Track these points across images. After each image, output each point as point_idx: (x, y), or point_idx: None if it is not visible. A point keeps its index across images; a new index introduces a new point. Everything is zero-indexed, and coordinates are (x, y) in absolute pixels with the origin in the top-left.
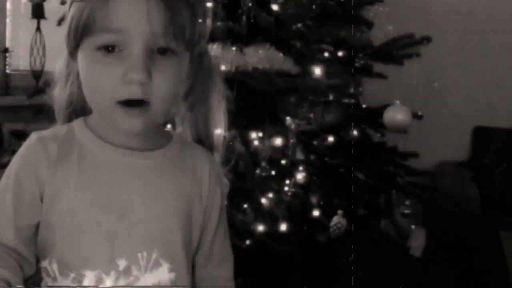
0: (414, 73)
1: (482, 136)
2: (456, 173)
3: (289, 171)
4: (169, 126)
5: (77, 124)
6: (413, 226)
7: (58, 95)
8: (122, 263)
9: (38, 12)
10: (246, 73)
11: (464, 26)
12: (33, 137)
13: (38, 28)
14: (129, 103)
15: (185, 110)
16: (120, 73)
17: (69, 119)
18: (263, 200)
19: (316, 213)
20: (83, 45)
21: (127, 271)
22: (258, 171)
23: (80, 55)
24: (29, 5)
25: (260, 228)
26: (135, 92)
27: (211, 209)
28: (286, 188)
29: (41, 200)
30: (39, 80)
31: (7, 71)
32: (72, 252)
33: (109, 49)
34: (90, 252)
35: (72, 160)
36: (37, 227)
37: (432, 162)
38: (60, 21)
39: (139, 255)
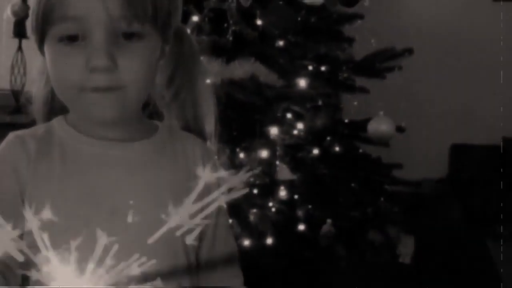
0: (395, 88)
1: (459, 153)
2: (438, 187)
3: (272, 188)
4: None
5: (57, 121)
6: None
7: (37, 93)
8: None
9: (19, 31)
10: (233, 84)
11: (444, 42)
12: (10, 136)
13: (20, 47)
14: (96, 91)
15: (170, 99)
16: (83, 61)
17: (48, 118)
18: (249, 215)
19: (302, 227)
20: (47, 38)
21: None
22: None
23: (46, 49)
24: (11, 24)
25: (246, 242)
26: (100, 79)
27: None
28: (270, 204)
29: (23, 201)
30: (19, 100)
31: None
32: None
33: (72, 38)
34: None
35: (53, 158)
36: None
37: (413, 176)
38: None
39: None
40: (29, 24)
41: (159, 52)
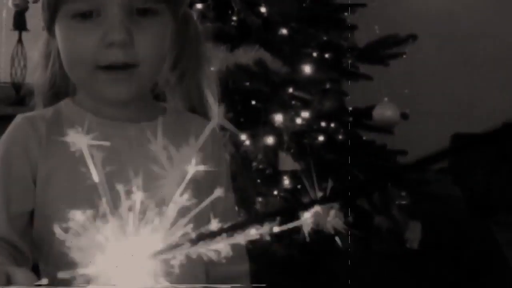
0: (398, 76)
1: (461, 142)
2: (439, 176)
3: (276, 179)
4: None
5: (65, 103)
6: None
7: (39, 78)
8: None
9: (19, 23)
10: (238, 70)
11: (445, 31)
12: (18, 117)
13: (20, 40)
14: (112, 68)
15: (175, 81)
16: (99, 37)
17: (50, 103)
18: (255, 203)
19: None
20: (59, 15)
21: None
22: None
23: (57, 27)
24: (11, 17)
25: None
26: (116, 55)
27: (217, 177)
28: (275, 192)
29: (34, 183)
30: (19, 92)
31: None
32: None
33: (86, 15)
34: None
35: (63, 137)
36: (31, 215)
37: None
38: (43, 28)
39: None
40: (28, 15)
41: (170, 31)
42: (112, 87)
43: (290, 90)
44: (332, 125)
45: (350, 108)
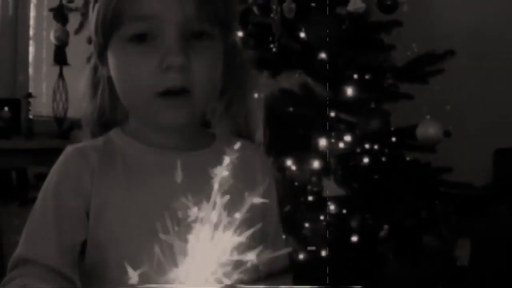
0: (438, 93)
1: (504, 157)
2: (483, 195)
3: (321, 205)
4: None
5: (115, 132)
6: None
7: (87, 108)
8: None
9: (60, 58)
10: (283, 94)
11: (484, 46)
12: (69, 149)
13: (61, 74)
14: (169, 93)
15: (222, 110)
16: (157, 61)
17: (100, 133)
18: (303, 229)
19: (355, 238)
20: (113, 40)
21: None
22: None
23: (111, 53)
24: (52, 51)
25: (302, 256)
26: (174, 80)
27: (268, 204)
28: (321, 217)
29: (87, 214)
30: (62, 126)
31: (30, 116)
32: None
33: (141, 38)
34: (150, 266)
35: (116, 168)
36: (83, 246)
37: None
38: (89, 59)
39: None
40: (69, 50)
41: (222, 57)
42: (168, 112)
43: (334, 113)
44: (376, 146)
45: (393, 128)
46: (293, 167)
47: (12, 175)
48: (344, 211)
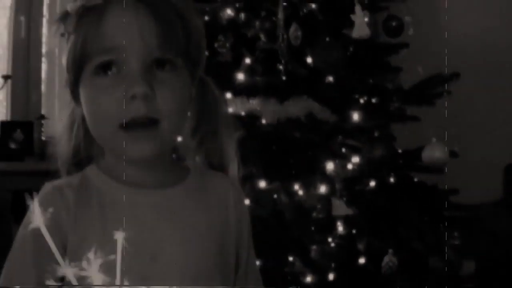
0: (444, 114)
1: None
2: (493, 210)
3: (330, 224)
4: None
5: (90, 169)
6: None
7: (63, 147)
8: None
9: None
10: (290, 123)
11: (492, 63)
12: (47, 186)
13: None
14: (135, 126)
15: (195, 147)
16: (121, 92)
17: (76, 170)
18: (310, 251)
19: (362, 260)
20: (83, 76)
21: None
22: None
23: (82, 88)
24: (64, 73)
25: (309, 279)
26: (138, 109)
27: (241, 233)
28: (329, 239)
29: (64, 251)
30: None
31: (43, 138)
32: None
33: (106, 70)
34: None
35: (92, 207)
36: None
37: (470, 200)
38: (66, 83)
39: None
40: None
41: (189, 89)
42: (135, 144)
43: (340, 138)
44: (383, 170)
45: (400, 151)
46: (300, 192)
47: (25, 196)
48: (354, 231)
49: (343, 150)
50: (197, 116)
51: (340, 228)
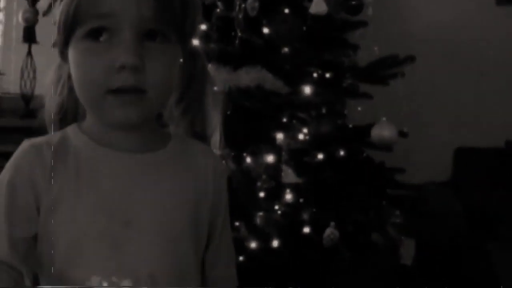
0: (399, 93)
1: (464, 156)
2: (440, 191)
3: (278, 191)
4: None
5: (71, 129)
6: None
7: (49, 103)
8: (130, 273)
9: (29, 36)
10: (240, 92)
11: (448, 47)
12: (25, 144)
13: (29, 52)
14: (121, 92)
15: (179, 115)
16: (111, 59)
17: (60, 127)
18: (256, 218)
19: (306, 229)
20: (73, 38)
21: (137, 281)
22: (258, 184)
23: (71, 49)
24: (21, 29)
25: (253, 244)
26: (127, 79)
27: (218, 205)
28: (276, 207)
29: (38, 211)
30: (29, 104)
31: None
32: (74, 266)
33: (97, 36)
34: (95, 264)
35: (68, 167)
36: (34, 239)
37: (417, 180)
38: (55, 44)
39: (148, 262)
40: (38, 27)
41: (178, 62)
42: (120, 110)
43: (290, 111)
44: (331, 144)
45: (350, 125)
46: (248, 160)
47: None
48: (301, 200)
49: (294, 121)
50: (183, 84)
51: (288, 196)
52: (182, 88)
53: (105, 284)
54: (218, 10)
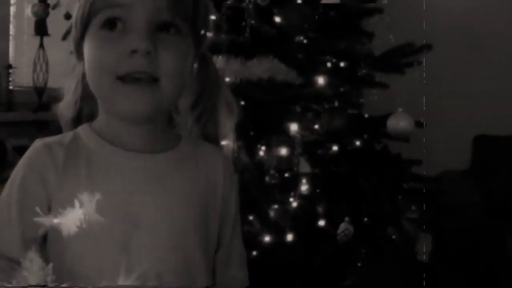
0: (415, 82)
1: (483, 144)
2: (459, 181)
3: (293, 183)
4: None
5: (83, 129)
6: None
7: (65, 103)
8: (139, 272)
9: (41, 29)
10: (251, 84)
11: (465, 34)
12: (37, 143)
13: (41, 45)
14: (133, 80)
15: (192, 122)
16: (124, 46)
17: (74, 127)
18: (269, 211)
19: (321, 223)
20: (89, 29)
21: (145, 281)
22: (267, 178)
23: (86, 41)
24: (32, 22)
25: (267, 238)
26: (139, 63)
27: (227, 207)
28: (291, 199)
29: (49, 209)
30: (42, 97)
31: (10, 87)
32: (84, 264)
33: (112, 26)
34: (105, 263)
35: (80, 166)
36: (45, 238)
37: (435, 170)
38: (65, 36)
39: (156, 262)
40: (49, 20)
41: (192, 56)
42: (131, 98)
43: (302, 103)
44: (344, 136)
45: (366, 115)
46: (261, 152)
47: None
48: (317, 190)
49: (308, 113)
50: (198, 91)
51: (303, 187)
52: (196, 95)
53: (113, 283)
54: (228, 0)
